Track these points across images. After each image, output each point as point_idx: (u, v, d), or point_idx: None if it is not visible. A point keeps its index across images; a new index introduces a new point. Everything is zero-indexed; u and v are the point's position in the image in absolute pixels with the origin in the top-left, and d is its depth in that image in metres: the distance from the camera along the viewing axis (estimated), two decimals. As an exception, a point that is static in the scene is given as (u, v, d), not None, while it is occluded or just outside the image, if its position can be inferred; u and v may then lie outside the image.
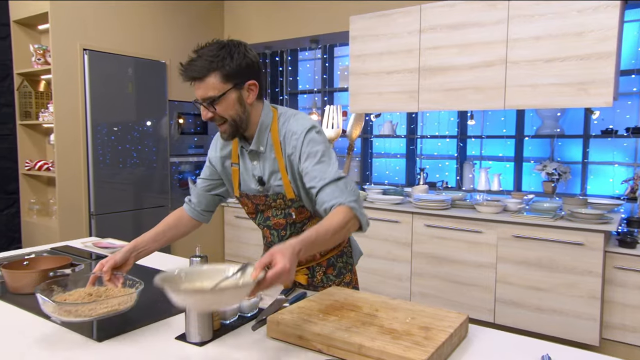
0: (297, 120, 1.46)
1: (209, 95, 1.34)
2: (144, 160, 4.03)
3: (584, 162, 3.74)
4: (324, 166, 1.38)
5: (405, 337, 1.11)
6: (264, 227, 1.60)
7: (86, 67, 3.57)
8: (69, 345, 1.18)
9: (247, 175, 1.54)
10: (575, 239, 2.88)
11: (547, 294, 2.97)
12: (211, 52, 1.33)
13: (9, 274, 1.54)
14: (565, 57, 2.93)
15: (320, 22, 4.19)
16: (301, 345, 1.17)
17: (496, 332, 1.28)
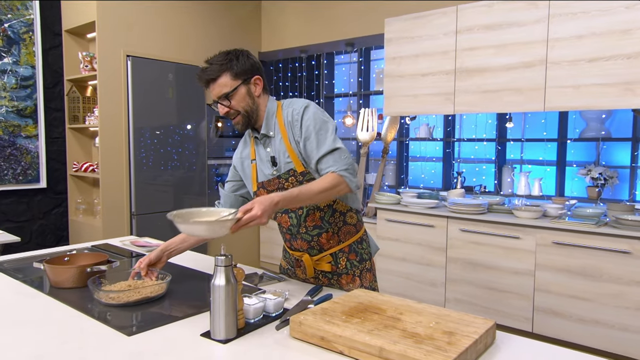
0: (297, 102, 1.66)
1: (223, 92, 1.57)
2: (183, 163, 4.14)
3: (632, 167, 3.55)
4: (320, 139, 1.56)
5: (427, 342, 1.09)
6: (283, 213, 1.68)
7: (129, 73, 3.71)
8: (101, 338, 1.23)
9: (263, 163, 1.69)
10: (621, 247, 2.73)
11: (590, 304, 2.84)
12: (220, 58, 1.57)
13: (51, 269, 1.62)
14: (610, 56, 2.80)
15: (355, 25, 4.19)
16: (323, 346, 1.17)
17: (526, 341, 1.23)
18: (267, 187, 1.67)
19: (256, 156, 1.71)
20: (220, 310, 1.21)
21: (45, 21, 3.82)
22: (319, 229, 1.65)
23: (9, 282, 1.69)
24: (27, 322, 1.33)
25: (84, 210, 4.03)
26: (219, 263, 1.22)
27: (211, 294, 1.22)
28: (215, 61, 1.57)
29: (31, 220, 3.86)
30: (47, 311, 1.42)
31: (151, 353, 1.15)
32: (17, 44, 3.67)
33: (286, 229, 1.72)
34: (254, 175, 1.71)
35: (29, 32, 3.72)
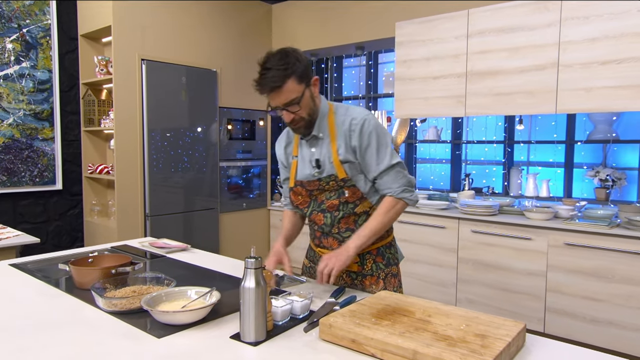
0: (356, 110, 1.61)
1: (291, 98, 1.48)
2: (195, 165, 4.13)
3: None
4: (380, 155, 1.57)
5: (461, 345, 1.07)
6: (318, 212, 1.66)
7: (144, 76, 3.70)
8: (132, 340, 1.21)
9: (304, 163, 1.66)
10: (633, 248, 2.70)
11: (603, 304, 2.81)
12: (280, 62, 1.46)
13: (76, 271, 1.61)
14: (623, 59, 2.77)
15: (365, 29, 4.17)
16: (353, 348, 1.15)
17: (556, 343, 1.21)
18: (306, 186, 1.65)
19: (298, 154, 1.68)
20: (251, 312, 1.20)
21: (62, 26, 3.82)
22: (351, 232, 1.64)
23: (34, 283, 1.68)
24: (56, 324, 1.32)
25: (99, 211, 4.03)
26: (249, 265, 1.21)
27: (241, 297, 1.21)
28: (275, 65, 1.45)
29: (47, 221, 3.86)
30: (75, 312, 1.41)
31: (183, 355, 1.13)
32: (35, 48, 3.67)
33: (318, 227, 1.70)
34: (293, 172, 1.69)
35: (46, 36, 3.72)
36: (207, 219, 4.26)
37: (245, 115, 4.63)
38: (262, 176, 4.89)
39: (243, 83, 4.60)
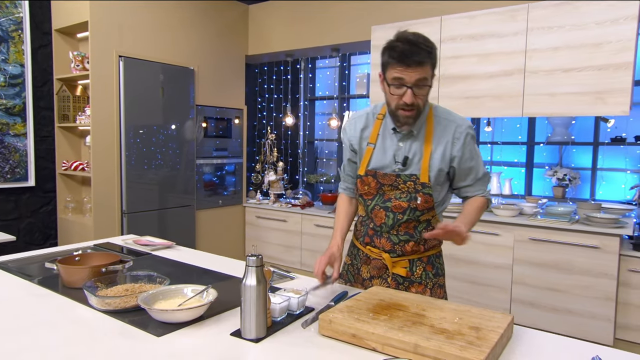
0: (459, 118, 1.58)
1: (425, 77, 1.40)
2: (172, 162, 4.03)
3: (594, 169, 3.69)
4: (478, 166, 1.58)
5: (458, 337, 1.09)
6: (382, 208, 1.56)
7: (121, 73, 3.58)
8: (131, 339, 1.17)
9: (384, 154, 1.55)
10: (591, 243, 2.84)
11: (563, 295, 2.93)
12: (427, 42, 1.40)
13: (65, 269, 1.54)
14: (583, 67, 2.89)
15: (342, 32, 4.17)
16: (354, 343, 1.15)
17: (540, 333, 1.26)
18: (379, 178, 1.55)
19: (378, 142, 1.56)
20: (252, 309, 1.18)
21: (35, 20, 3.64)
22: (408, 236, 1.55)
23: (19, 283, 1.60)
24: (51, 323, 1.26)
25: (73, 208, 3.87)
26: (250, 263, 1.19)
27: (242, 294, 1.19)
28: (422, 44, 1.37)
29: (19, 218, 3.67)
30: (67, 312, 1.35)
31: (187, 353, 1.10)
32: (6, 42, 3.47)
33: (374, 225, 1.58)
34: (366, 160, 1.57)
35: (18, 30, 3.53)
36: (183, 216, 4.17)
37: (221, 113, 4.56)
38: (238, 173, 4.83)
39: (220, 81, 4.52)
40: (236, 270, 1.82)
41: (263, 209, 4.64)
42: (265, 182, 4.84)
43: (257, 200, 4.85)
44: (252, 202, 4.87)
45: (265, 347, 1.15)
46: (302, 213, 4.34)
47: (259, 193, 4.91)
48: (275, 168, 4.83)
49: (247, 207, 4.82)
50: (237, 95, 4.76)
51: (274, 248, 4.55)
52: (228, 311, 1.37)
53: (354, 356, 1.10)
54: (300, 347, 1.15)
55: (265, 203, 4.77)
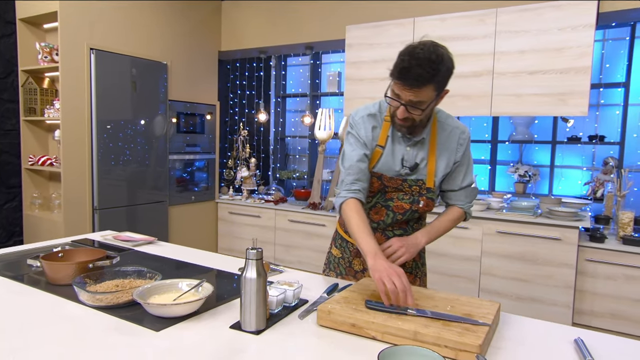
0: (460, 123, 1.59)
1: (422, 100, 1.34)
2: (144, 158, 3.91)
3: (552, 166, 3.87)
4: (468, 173, 1.57)
5: (453, 324, 1.12)
6: (383, 206, 1.55)
7: (92, 66, 3.44)
8: (127, 335, 1.14)
9: (392, 158, 1.51)
10: (553, 235, 2.98)
11: (527, 284, 3.06)
12: (431, 63, 1.28)
13: (50, 266, 1.47)
14: (546, 70, 3.03)
15: (316, 30, 4.17)
16: (354, 332, 1.17)
17: (524, 319, 1.31)
18: (384, 181, 1.52)
19: (387, 146, 1.51)
20: (252, 302, 1.17)
21: (-2, 8, 3.44)
22: (402, 231, 1.58)
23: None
24: (41, 322, 1.20)
25: (40, 205, 3.69)
26: (250, 256, 1.18)
27: (242, 287, 1.18)
28: (423, 63, 1.27)
29: (-19, 215, 3.47)
30: (55, 309, 1.29)
31: (189, 347, 1.08)
32: (-33, 30, 3.27)
33: (373, 222, 1.56)
34: (373, 161, 1.52)
35: (-19, 18, 3.33)
36: (156, 212, 4.06)
37: (194, 109, 4.46)
38: (210, 169, 4.75)
39: (192, 76, 4.42)
40: (223, 265, 1.80)
41: (236, 204, 4.59)
42: (237, 178, 4.79)
43: (229, 196, 4.79)
44: (224, 198, 4.80)
45: (266, 338, 1.15)
46: (276, 209, 4.32)
47: (231, 189, 4.85)
48: (248, 164, 4.78)
49: (220, 203, 4.75)
50: (210, 91, 4.67)
51: (247, 243, 4.50)
52: (222, 305, 1.36)
53: (354, 345, 1.12)
54: (301, 338, 1.15)
55: (238, 199, 4.72)
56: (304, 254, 4.14)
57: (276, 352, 1.07)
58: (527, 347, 1.12)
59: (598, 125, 3.58)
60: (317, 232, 4.08)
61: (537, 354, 1.09)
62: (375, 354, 1.06)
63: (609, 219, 3.19)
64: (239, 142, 4.90)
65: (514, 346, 1.12)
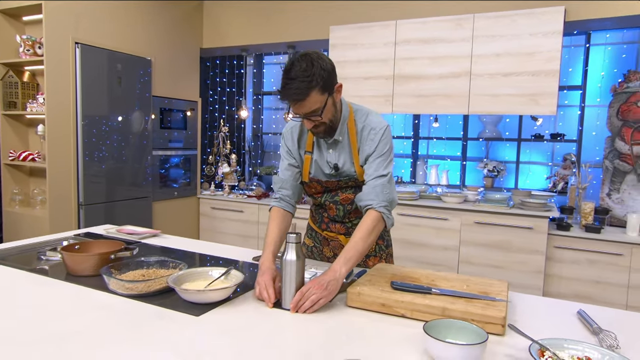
0: (376, 118, 1.55)
1: (314, 109, 1.38)
2: (129, 153, 3.82)
3: (518, 162, 4.08)
4: (378, 163, 1.51)
5: (475, 301, 1.21)
6: (331, 203, 1.64)
7: (77, 60, 3.33)
8: (168, 321, 1.15)
9: (322, 161, 1.59)
10: (526, 224, 3.16)
11: (503, 270, 3.24)
12: (305, 72, 1.33)
13: (73, 257, 1.45)
14: (520, 73, 3.20)
15: (299, 30, 4.20)
16: (382, 311, 1.23)
17: (529, 296, 1.42)
18: (322, 184, 1.61)
19: (314, 151, 1.59)
20: (292, 282, 1.24)
21: (-24, -1, 3.26)
22: (359, 219, 1.63)
23: (16, 274, 1.48)
24: (77, 310, 1.20)
25: (21, 201, 3.54)
26: (290, 240, 1.25)
27: (282, 268, 1.24)
28: (299, 76, 1.32)
29: (-41, 212, 3.30)
30: (88, 299, 1.28)
31: (237, 328, 1.11)
32: (-56, 20, 3.08)
33: (328, 215, 1.68)
34: (306, 168, 1.61)
35: (-42, 8, 3.15)
36: (140, 208, 3.98)
37: (177, 105, 4.40)
38: (192, 165, 4.69)
39: (175, 73, 4.35)
40: (235, 255, 1.82)
41: (218, 200, 4.56)
42: (218, 173, 4.75)
43: (211, 192, 4.75)
44: (206, 193, 4.75)
45: (306, 317, 1.19)
46: (259, 203, 4.33)
47: (213, 185, 4.81)
48: (229, 160, 4.75)
49: (202, 199, 4.70)
50: (192, 88, 4.61)
51: (230, 238, 4.49)
52: (248, 292, 1.38)
53: (384, 321, 1.18)
54: (337, 316, 1.21)
55: (220, 195, 4.69)
56: (288, 247, 4.17)
57: (318, 328, 1.12)
58: (539, 320, 1.22)
59: (563, 124, 3.81)
60: (299, 225, 4.12)
61: (550, 324, 1.19)
62: (404, 330, 1.13)
63: (572, 210, 3.42)
64: (219, 139, 4.87)
65: (528, 319, 1.22)
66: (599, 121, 3.63)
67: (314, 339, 1.07)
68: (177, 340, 1.04)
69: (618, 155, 3.41)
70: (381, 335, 1.10)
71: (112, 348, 0.99)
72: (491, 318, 1.11)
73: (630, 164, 3.36)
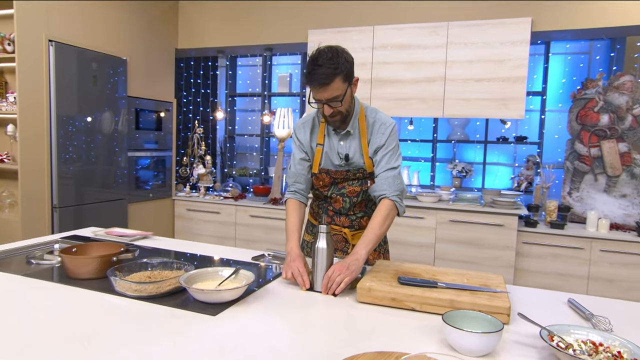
0: (383, 115, 1.69)
1: (335, 95, 1.49)
2: (105, 154, 3.69)
3: (484, 163, 4.26)
4: (389, 156, 1.63)
5: (479, 293, 1.27)
6: (338, 195, 1.71)
7: (51, 59, 3.18)
8: (189, 321, 1.14)
9: (332, 153, 1.68)
10: (497, 222, 3.31)
11: (476, 266, 3.37)
12: (331, 60, 1.45)
13: (74, 260, 1.41)
14: (491, 78, 3.35)
15: (276, 33, 4.20)
16: (393, 305, 1.27)
17: (523, 288, 1.51)
18: (332, 175, 1.69)
19: (325, 143, 1.68)
20: (322, 267, 1.36)
21: (-61, -9, 3.06)
22: (363, 213, 1.75)
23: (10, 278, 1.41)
24: (88, 313, 1.16)
25: (-12, 204, 3.34)
26: (322, 230, 1.37)
27: (314, 255, 1.37)
28: (326, 63, 1.44)
29: None
30: (95, 302, 1.25)
31: (254, 324, 1.12)
32: None
33: (334, 209, 1.74)
34: (317, 160, 1.70)
35: None
36: (116, 210, 3.85)
37: (152, 106, 4.29)
38: (168, 167, 4.59)
39: (150, 73, 4.24)
40: (233, 255, 1.81)
41: (194, 201, 4.48)
42: (194, 175, 4.67)
43: (186, 193, 4.66)
44: (181, 195, 4.66)
45: (321, 311, 1.21)
46: (236, 204, 4.29)
47: (188, 186, 4.72)
48: (204, 161, 4.68)
49: (177, 200, 4.60)
50: (167, 88, 4.51)
51: (206, 239, 4.42)
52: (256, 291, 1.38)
53: (396, 314, 1.22)
54: (352, 311, 1.23)
55: (196, 196, 4.61)
56: (265, 247, 4.16)
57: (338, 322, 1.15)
58: (537, 309, 1.30)
59: (528, 127, 4.01)
60: (278, 225, 4.12)
61: (547, 313, 1.27)
62: (416, 322, 1.18)
63: (538, 207, 3.60)
64: (194, 140, 4.78)
65: (527, 308, 1.29)
66: (560, 125, 3.85)
67: (337, 332, 1.09)
68: (202, 337, 1.04)
69: (577, 156, 3.63)
70: (397, 328, 1.14)
71: (139, 347, 0.98)
72: (498, 308, 1.17)
73: (589, 165, 3.59)
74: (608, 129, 3.51)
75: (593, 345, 0.97)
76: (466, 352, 0.97)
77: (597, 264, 3.22)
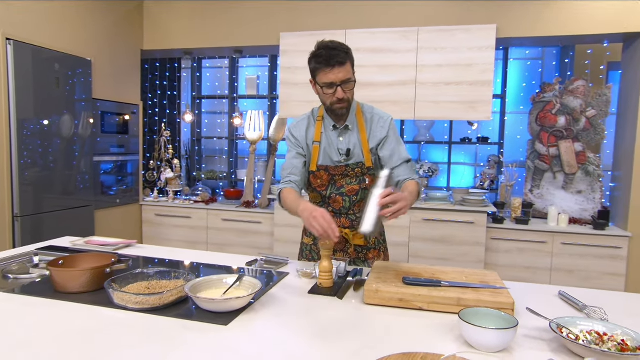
0: (380, 110, 1.75)
1: (348, 77, 1.56)
2: (69, 159, 3.48)
3: (449, 163, 4.40)
4: (400, 149, 1.69)
5: (481, 290, 1.30)
6: (337, 195, 1.71)
7: (9, 58, 2.97)
8: (202, 332, 1.10)
9: (331, 149, 1.70)
10: (467, 219, 3.42)
11: (449, 262, 3.46)
12: (342, 45, 1.56)
13: (64, 274, 1.32)
14: (459, 82, 3.45)
15: (246, 34, 4.12)
16: (400, 306, 1.28)
17: (512, 283, 1.56)
18: (330, 171, 1.70)
19: (323, 140, 1.70)
20: (373, 209, 1.34)
21: None
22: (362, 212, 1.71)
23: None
24: (89, 330, 1.09)
25: (-61, 214, 3.06)
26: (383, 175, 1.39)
27: (369, 198, 1.36)
28: (338, 47, 1.53)
29: None
30: (94, 316, 1.17)
31: (269, 331, 1.09)
32: None
33: (333, 209, 1.73)
34: (315, 158, 1.70)
35: None
36: (82, 217, 3.64)
37: (118, 109, 4.09)
38: (134, 171, 4.40)
39: (116, 75, 4.05)
40: (224, 262, 1.76)
41: (164, 206, 4.32)
42: (162, 179, 4.51)
43: (154, 198, 4.49)
44: (149, 200, 4.48)
45: (332, 316, 1.20)
46: (208, 208, 4.18)
47: (156, 191, 4.55)
48: (171, 165, 4.53)
49: (145, 206, 4.42)
50: (133, 91, 4.32)
51: (176, 244, 4.27)
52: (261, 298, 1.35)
53: (404, 315, 1.23)
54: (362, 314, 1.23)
55: (164, 201, 4.45)
56: (239, 251, 4.08)
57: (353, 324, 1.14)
58: (532, 303, 1.34)
59: (492, 129, 4.17)
60: (252, 229, 4.05)
61: (542, 306, 1.32)
62: (427, 321, 1.19)
63: (503, 205, 3.76)
64: (161, 143, 4.62)
65: (522, 302, 1.34)
66: (522, 126, 4.04)
67: (351, 335, 1.08)
68: (219, 348, 1.00)
69: (538, 156, 3.82)
70: (409, 328, 1.14)
71: (157, 365, 0.93)
72: (503, 304, 1.21)
73: (548, 164, 3.79)
74: (565, 130, 3.72)
75: (598, 336, 1.02)
76: (484, 348, 0.99)
77: (558, 256, 3.40)
